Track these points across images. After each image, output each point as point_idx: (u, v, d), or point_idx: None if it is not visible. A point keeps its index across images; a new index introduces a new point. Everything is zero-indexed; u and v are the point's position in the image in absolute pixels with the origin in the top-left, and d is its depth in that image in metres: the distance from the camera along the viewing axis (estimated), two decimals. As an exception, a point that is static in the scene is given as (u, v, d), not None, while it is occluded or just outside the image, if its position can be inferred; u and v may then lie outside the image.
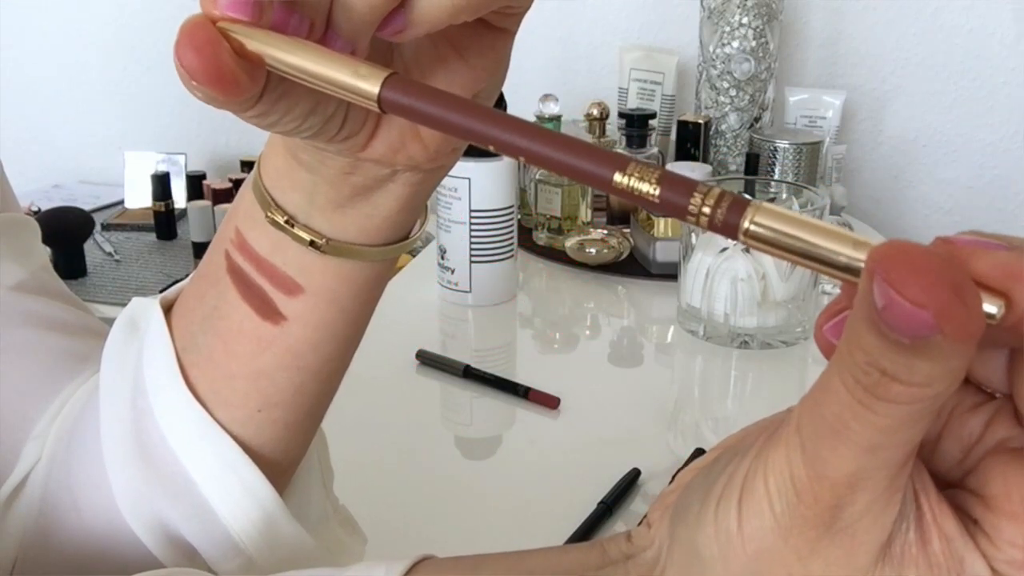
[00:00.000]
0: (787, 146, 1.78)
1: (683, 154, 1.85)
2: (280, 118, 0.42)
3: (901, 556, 0.30)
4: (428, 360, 1.30)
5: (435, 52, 0.46)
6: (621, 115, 1.84)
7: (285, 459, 0.59)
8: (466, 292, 1.48)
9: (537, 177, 1.67)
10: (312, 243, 0.52)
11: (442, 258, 1.47)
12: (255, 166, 0.54)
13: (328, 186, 0.50)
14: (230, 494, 0.55)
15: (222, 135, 2.43)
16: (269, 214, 0.52)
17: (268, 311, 0.54)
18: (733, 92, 1.87)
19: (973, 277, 0.26)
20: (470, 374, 1.25)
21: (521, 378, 1.22)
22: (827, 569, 0.30)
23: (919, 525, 0.30)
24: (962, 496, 0.31)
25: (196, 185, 2.12)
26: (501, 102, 1.25)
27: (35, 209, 2.02)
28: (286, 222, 0.52)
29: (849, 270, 0.28)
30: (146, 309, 0.61)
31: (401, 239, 0.55)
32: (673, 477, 0.30)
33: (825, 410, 0.29)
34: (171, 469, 0.56)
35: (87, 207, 1.98)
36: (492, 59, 0.46)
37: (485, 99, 0.49)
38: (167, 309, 0.59)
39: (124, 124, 2.49)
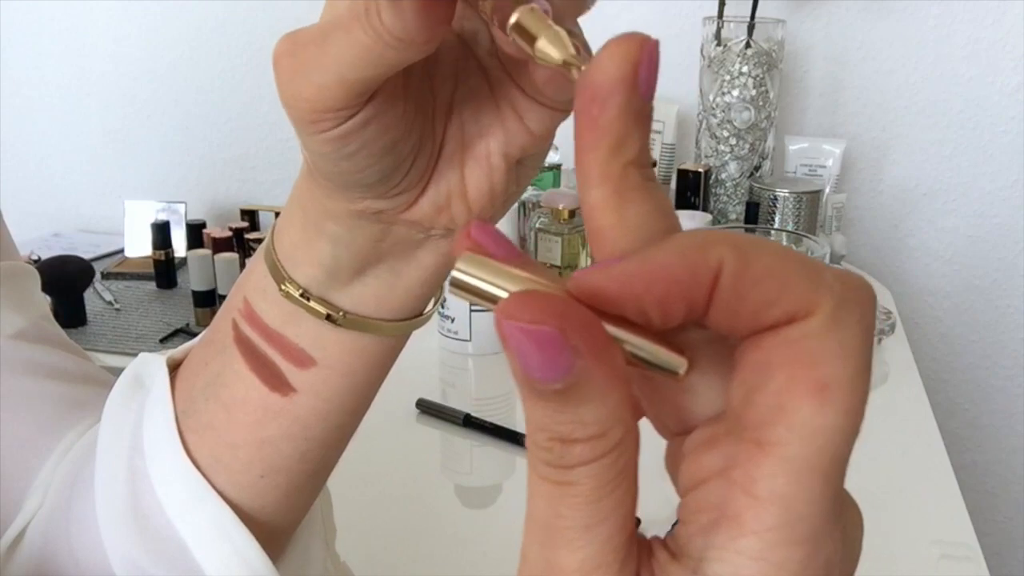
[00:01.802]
0: (787, 195, 1.78)
1: (683, 203, 1.85)
2: (362, 146, 0.41)
3: None
4: (428, 409, 1.29)
5: (497, 113, 0.45)
6: (621, 164, 1.84)
7: (285, 521, 0.59)
8: (466, 341, 1.48)
9: (537, 226, 1.67)
10: (328, 317, 0.51)
11: (442, 307, 1.46)
12: (268, 238, 0.53)
13: (352, 257, 0.50)
14: (223, 560, 0.54)
15: (222, 184, 2.44)
16: (283, 287, 0.51)
17: (277, 383, 0.53)
18: (733, 141, 1.87)
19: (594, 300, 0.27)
20: (470, 423, 1.25)
21: (521, 427, 1.21)
22: None
23: None
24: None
25: (196, 234, 2.12)
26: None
27: (35, 258, 2.01)
28: (301, 295, 0.51)
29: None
30: (152, 366, 0.60)
31: (418, 314, 0.55)
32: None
33: (537, 515, 0.28)
34: (164, 533, 0.55)
35: (87, 256, 1.97)
36: (549, 127, 0.46)
37: (534, 164, 0.49)
38: (174, 367, 0.59)
39: (124, 173, 2.49)
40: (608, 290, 0.27)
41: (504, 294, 0.27)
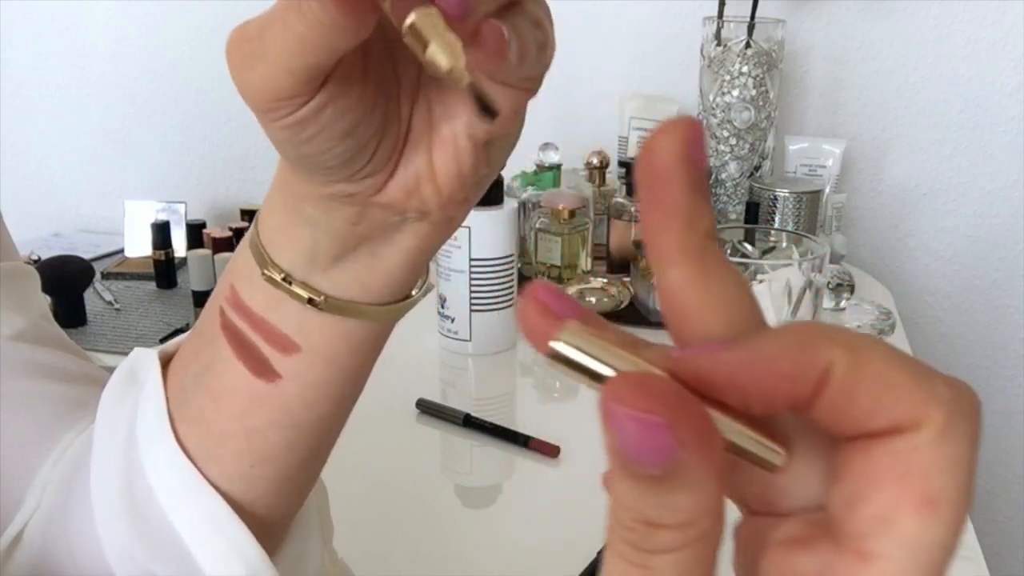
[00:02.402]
0: (787, 195, 1.78)
1: (683, 202, 1.85)
2: (321, 130, 0.42)
3: None
4: (428, 409, 1.29)
5: (461, 94, 0.45)
6: (621, 164, 1.85)
7: (278, 513, 0.59)
8: (466, 341, 1.48)
9: (537, 226, 1.67)
10: (310, 301, 0.51)
11: (442, 307, 1.46)
12: (252, 223, 0.53)
13: (330, 240, 0.50)
14: (217, 553, 0.54)
15: (222, 184, 2.44)
16: (266, 271, 0.51)
17: (262, 369, 0.53)
18: (733, 141, 1.87)
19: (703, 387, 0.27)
20: (470, 423, 1.25)
21: (521, 427, 1.21)
22: None
23: None
24: None
25: (196, 234, 2.11)
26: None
27: (35, 258, 2.01)
28: (283, 279, 0.51)
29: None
30: (145, 361, 0.60)
31: (402, 299, 0.54)
32: None
33: None
34: (159, 526, 0.55)
35: (87, 256, 1.97)
36: (514, 107, 0.45)
37: (504, 145, 0.49)
38: (166, 361, 0.59)
39: (124, 173, 2.49)
40: (715, 377, 0.27)
41: (609, 372, 0.27)
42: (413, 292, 0.55)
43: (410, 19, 0.33)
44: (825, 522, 0.28)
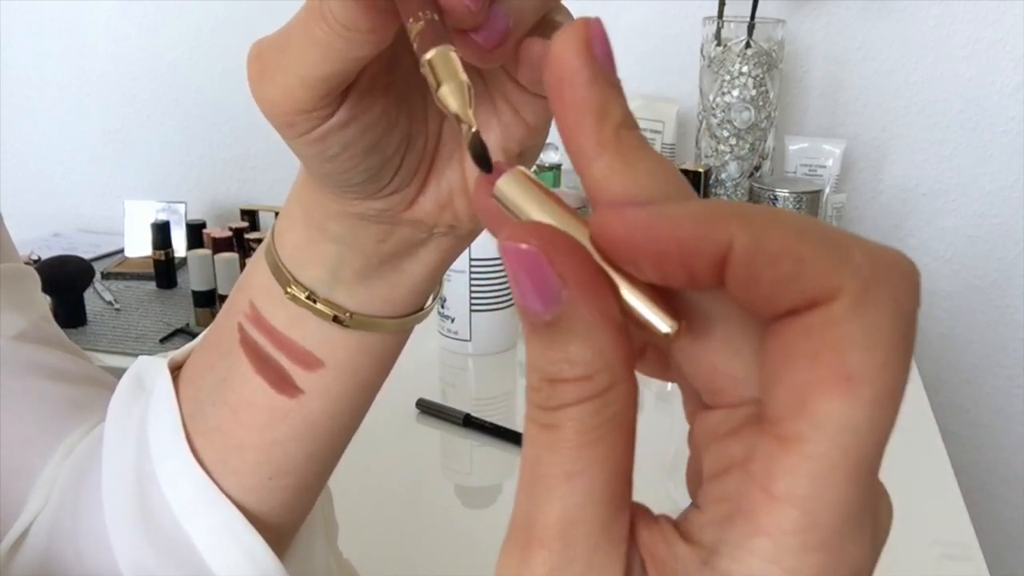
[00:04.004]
0: (787, 195, 1.78)
1: (683, 203, 1.85)
2: (345, 147, 0.42)
3: None
4: (428, 409, 1.29)
5: (493, 107, 0.45)
6: (621, 164, 1.84)
7: (291, 520, 0.59)
8: (466, 341, 1.48)
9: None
10: (335, 318, 0.51)
11: (442, 307, 1.46)
12: (267, 239, 0.53)
13: (356, 258, 0.50)
14: (232, 562, 0.54)
15: (222, 184, 2.44)
16: (289, 290, 0.51)
17: (284, 385, 0.53)
18: (733, 141, 1.87)
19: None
20: (470, 423, 1.25)
21: (521, 427, 1.21)
22: None
23: (654, 565, 0.27)
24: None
25: (196, 234, 2.11)
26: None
27: (35, 258, 2.01)
28: (307, 297, 0.51)
29: None
30: (152, 369, 0.60)
31: (420, 309, 0.55)
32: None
33: (524, 464, 0.28)
34: (173, 535, 0.55)
35: (87, 256, 1.97)
36: (546, 118, 0.45)
37: (533, 155, 0.48)
38: (174, 369, 0.59)
39: (124, 173, 2.49)
40: (614, 232, 0.26)
41: (535, 219, 0.29)
42: (427, 303, 0.55)
43: (429, 55, 0.33)
44: (754, 408, 0.27)
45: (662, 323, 0.27)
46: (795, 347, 0.25)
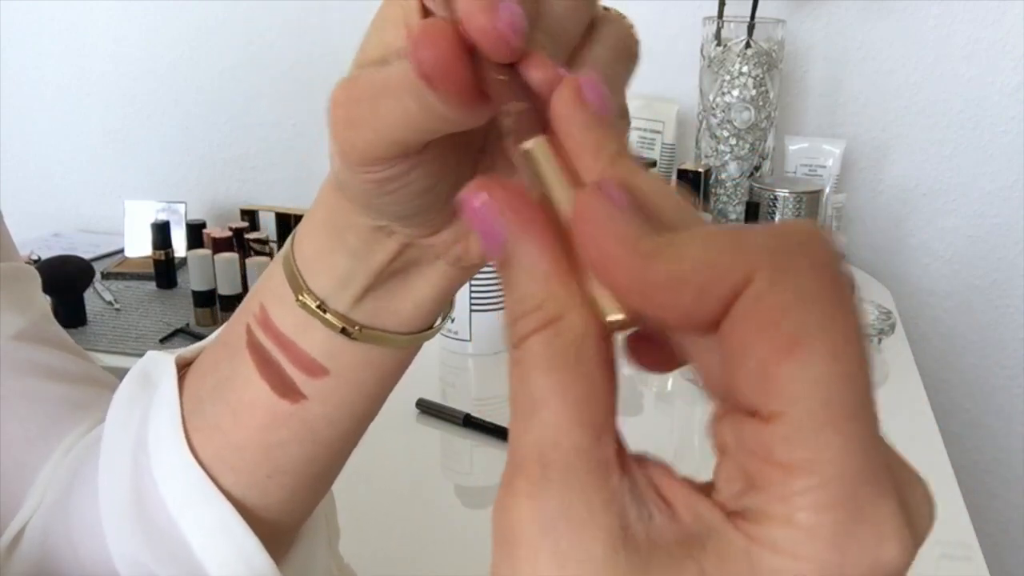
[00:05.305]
0: (787, 195, 1.78)
1: (683, 203, 1.85)
2: (404, 187, 0.43)
3: (648, 542, 0.27)
4: (428, 409, 1.29)
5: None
6: (621, 163, 1.84)
7: (291, 520, 0.59)
8: (466, 341, 1.48)
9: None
10: (343, 330, 0.51)
11: (443, 307, 1.46)
12: (288, 243, 0.53)
13: (367, 272, 0.50)
14: (225, 560, 0.54)
15: (222, 184, 2.44)
16: (300, 297, 0.51)
17: (287, 390, 0.53)
18: (733, 141, 1.87)
19: None
20: (470, 423, 1.25)
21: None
22: (561, 565, 0.27)
23: (669, 512, 0.28)
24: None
25: (196, 234, 2.11)
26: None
27: (35, 258, 2.01)
28: (318, 307, 0.51)
29: None
30: (161, 364, 0.60)
31: (429, 327, 0.55)
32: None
33: (509, 402, 0.30)
34: (167, 531, 0.55)
35: (87, 256, 1.97)
36: None
37: None
38: (184, 366, 0.59)
39: (124, 173, 2.49)
40: (581, 231, 0.29)
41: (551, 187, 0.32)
42: (437, 323, 0.56)
43: (527, 146, 0.33)
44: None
45: (611, 310, 0.29)
46: (738, 336, 0.26)
